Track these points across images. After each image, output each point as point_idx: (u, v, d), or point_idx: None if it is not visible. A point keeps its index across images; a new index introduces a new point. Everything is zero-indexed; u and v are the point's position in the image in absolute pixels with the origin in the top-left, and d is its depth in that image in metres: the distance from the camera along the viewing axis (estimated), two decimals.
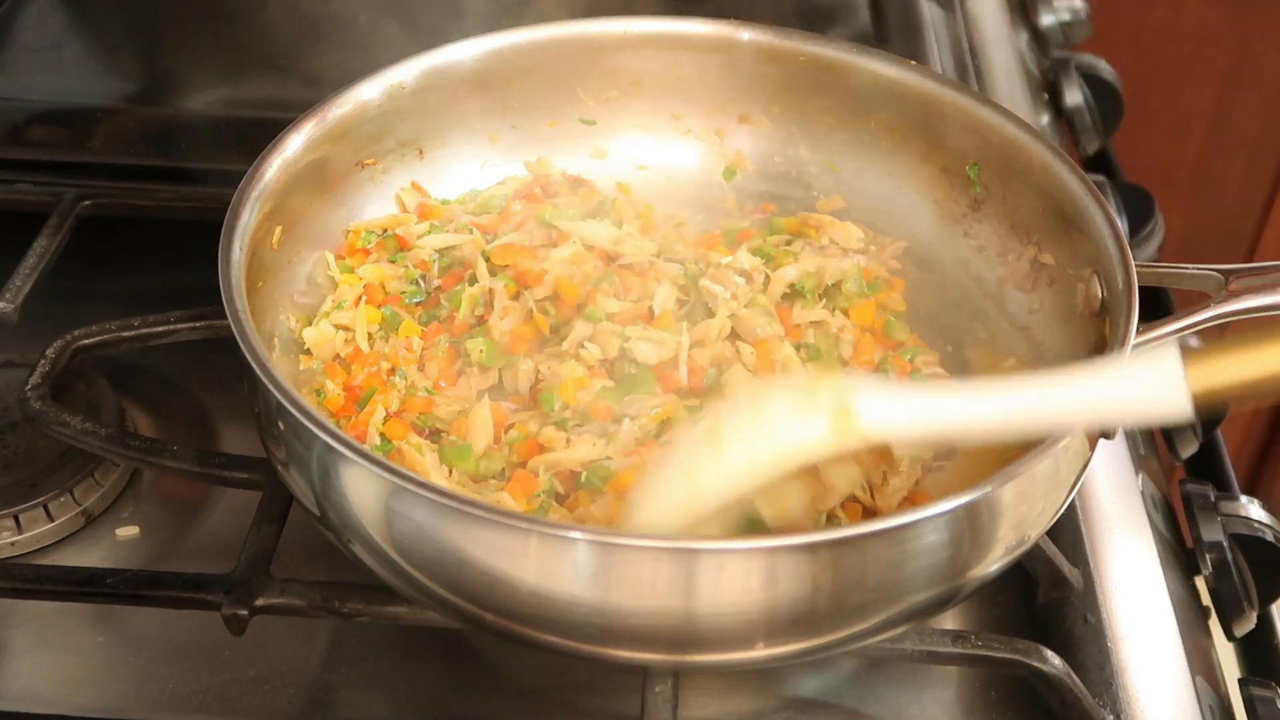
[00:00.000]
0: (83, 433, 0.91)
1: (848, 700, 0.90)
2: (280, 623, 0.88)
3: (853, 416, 0.73)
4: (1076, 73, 1.53)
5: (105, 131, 1.24)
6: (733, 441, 0.75)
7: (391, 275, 1.02)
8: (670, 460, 0.79)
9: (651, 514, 0.78)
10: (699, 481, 0.76)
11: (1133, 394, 0.71)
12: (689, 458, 0.76)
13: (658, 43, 1.09)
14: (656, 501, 0.78)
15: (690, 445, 0.77)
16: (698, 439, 0.76)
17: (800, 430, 0.74)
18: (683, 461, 0.77)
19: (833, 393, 0.74)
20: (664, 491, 0.78)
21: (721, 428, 0.75)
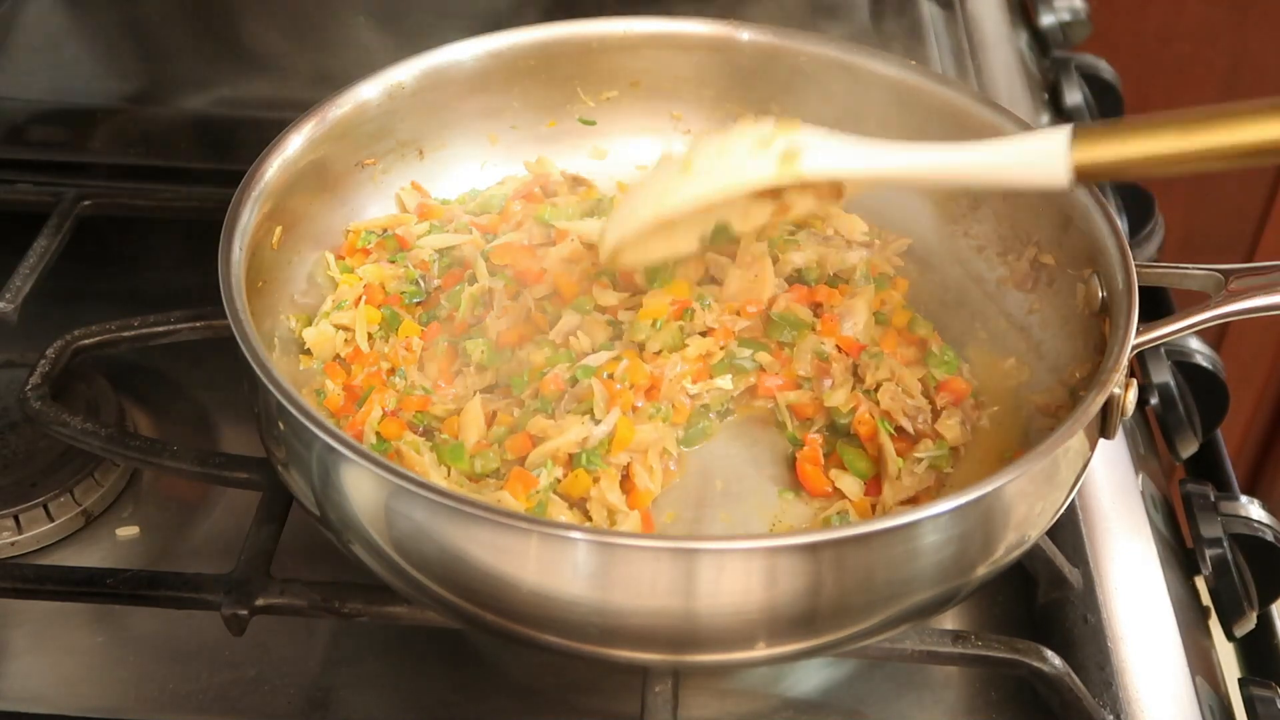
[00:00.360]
0: (83, 433, 0.91)
1: (848, 700, 0.90)
2: (280, 623, 0.88)
3: (797, 159, 0.87)
4: (1076, 73, 1.53)
5: (105, 131, 1.24)
6: (698, 167, 0.89)
7: (391, 275, 1.02)
8: (646, 183, 0.94)
9: (627, 225, 0.92)
10: (669, 196, 0.90)
11: (1024, 159, 0.82)
12: (661, 179, 0.91)
13: (658, 43, 1.09)
14: (632, 213, 0.92)
15: (663, 170, 0.92)
16: (670, 166, 0.91)
17: (754, 163, 0.88)
18: (656, 182, 0.92)
19: (785, 138, 0.88)
20: (639, 205, 0.92)
21: (691, 158, 0.90)
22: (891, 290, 1.03)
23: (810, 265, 1.02)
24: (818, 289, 1.00)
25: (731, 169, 0.88)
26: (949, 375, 0.96)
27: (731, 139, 0.89)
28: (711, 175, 0.89)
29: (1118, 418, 0.82)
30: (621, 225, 0.93)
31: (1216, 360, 1.21)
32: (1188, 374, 1.19)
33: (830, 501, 0.91)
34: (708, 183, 0.89)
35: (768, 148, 0.88)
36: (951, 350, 0.98)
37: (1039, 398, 0.92)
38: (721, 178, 0.89)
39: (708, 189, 0.89)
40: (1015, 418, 0.93)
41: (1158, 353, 1.20)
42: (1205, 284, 0.89)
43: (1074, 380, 0.90)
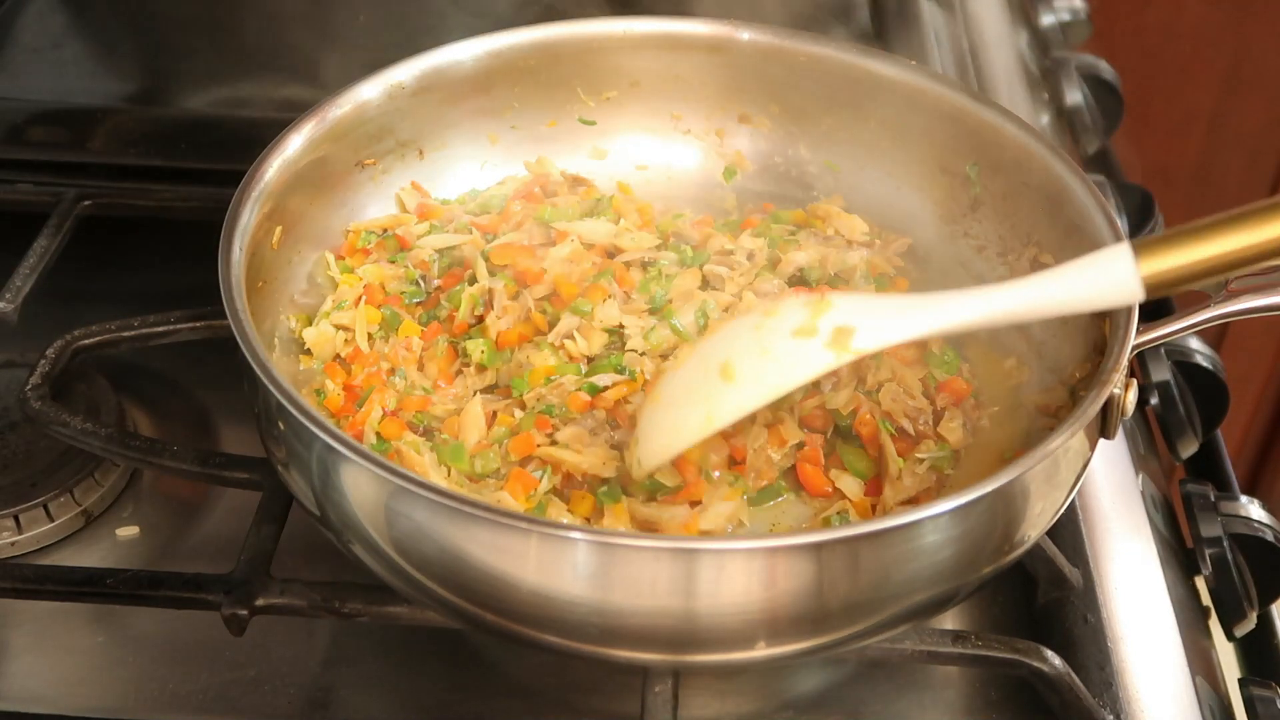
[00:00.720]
0: (83, 433, 0.91)
1: (848, 700, 0.90)
2: (280, 623, 0.88)
3: (849, 340, 0.80)
4: (1076, 73, 1.53)
5: (105, 131, 1.24)
6: (743, 374, 0.81)
7: (391, 275, 1.02)
8: (679, 394, 0.84)
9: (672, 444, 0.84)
10: (719, 411, 0.81)
11: (1093, 288, 0.78)
12: (704, 385, 0.82)
13: (658, 43, 1.09)
14: (674, 432, 0.83)
15: (703, 373, 0.83)
16: (709, 367, 0.82)
17: (806, 357, 0.80)
18: (698, 388, 0.83)
19: (828, 314, 0.80)
20: (681, 423, 0.83)
21: (731, 358, 0.82)
22: (892, 290, 1.03)
23: (812, 265, 1.02)
24: (819, 290, 1.00)
25: (784, 369, 0.81)
26: (949, 375, 0.96)
27: (766, 333, 0.82)
28: (761, 379, 0.81)
29: (1118, 418, 0.82)
30: (664, 445, 0.84)
31: (1216, 360, 1.21)
32: (1188, 374, 1.19)
33: (830, 502, 0.91)
34: (759, 388, 0.81)
35: (814, 334, 0.80)
36: (952, 350, 0.98)
37: (1039, 398, 0.92)
38: (775, 379, 0.81)
39: (761, 395, 0.81)
40: (1015, 418, 0.93)
41: (1158, 353, 1.20)
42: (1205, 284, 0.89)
43: (1074, 380, 0.90)
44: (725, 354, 0.83)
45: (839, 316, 0.81)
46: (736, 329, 0.84)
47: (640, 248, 1.03)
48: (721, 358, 0.82)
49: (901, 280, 1.04)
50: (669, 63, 1.10)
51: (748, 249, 1.03)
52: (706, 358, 0.84)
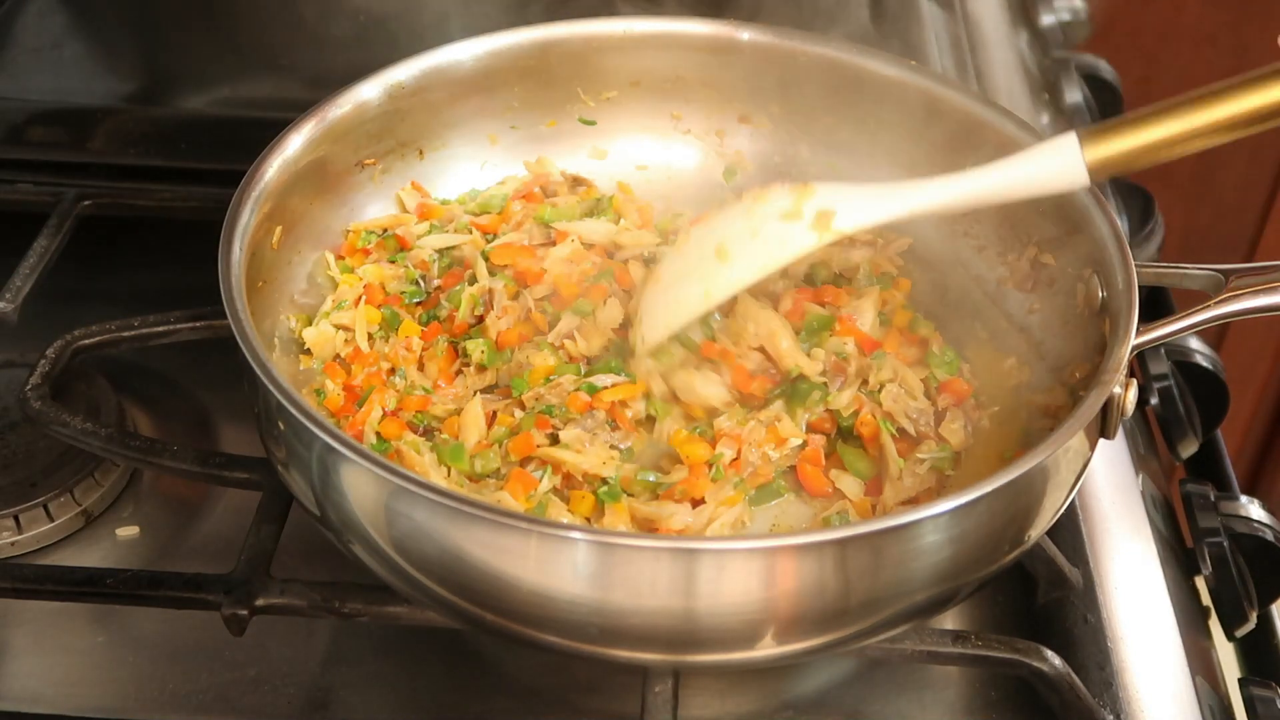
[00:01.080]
0: (83, 433, 0.91)
1: (848, 700, 0.90)
2: (280, 623, 0.88)
3: (831, 220, 0.88)
4: (1076, 73, 1.53)
5: (105, 131, 1.24)
6: (735, 254, 0.90)
7: (391, 275, 1.02)
8: (676, 274, 0.93)
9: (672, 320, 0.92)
10: (715, 287, 0.90)
11: (1043, 170, 0.85)
12: (696, 269, 0.91)
13: (658, 43, 1.09)
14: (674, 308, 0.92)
15: (698, 256, 0.92)
16: (705, 250, 0.91)
17: (792, 236, 0.89)
18: (694, 269, 0.91)
19: (810, 203, 0.88)
20: (681, 300, 0.91)
21: (724, 241, 0.90)
22: (893, 290, 1.03)
23: (818, 264, 1.02)
24: (825, 289, 1.00)
25: (771, 248, 0.89)
26: (950, 376, 0.96)
27: (756, 217, 0.90)
28: (752, 259, 0.90)
29: (1118, 418, 0.82)
30: (665, 321, 0.93)
31: (1216, 360, 1.21)
32: (1188, 374, 1.19)
33: (830, 502, 0.91)
34: (750, 267, 0.90)
35: (799, 217, 0.89)
36: (952, 350, 0.98)
37: (1039, 398, 0.92)
38: (764, 259, 0.90)
39: (752, 273, 0.90)
40: (1015, 418, 0.93)
41: (1158, 353, 1.20)
42: (1205, 284, 0.89)
43: (1074, 380, 0.90)
44: (719, 237, 0.91)
45: (821, 201, 0.89)
46: (729, 215, 0.92)
47: (640, 245, 1.03)
48: (716, 240, 0.91)
49: (904, 280, 1.04)
50: (669, 63, 1.10)
51: None
52: (702, 241, 0.92)
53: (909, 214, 0.89)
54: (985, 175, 0.88)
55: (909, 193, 0.89)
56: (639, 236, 1.04)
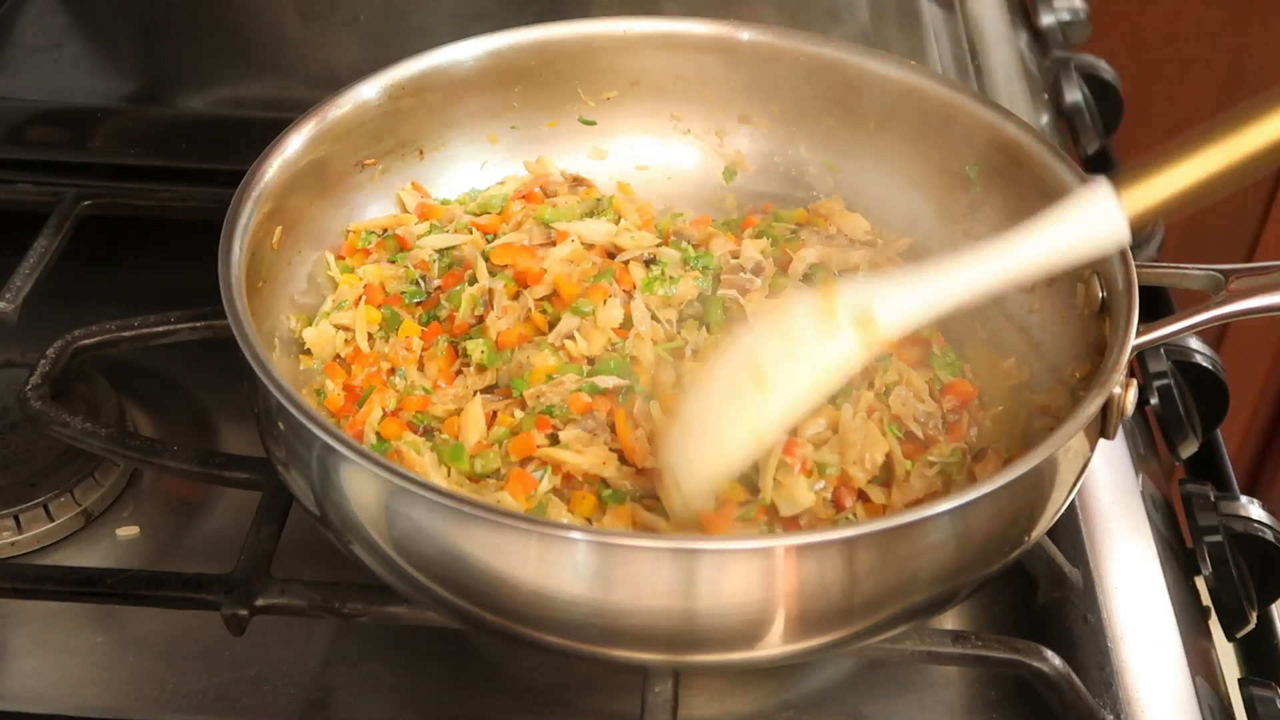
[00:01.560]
0: (83, 433, 0.91)
1: (848, 700, 0.90)
2: (280, 623, 0.88)
3: (873, 324, 0.79)
4: (1076, 73, 1.53)
5: (105, 131, 1.24)
6: (776, 381, 0.78)
7: (391, 275, 1.02)
8: (716, 406, 0.81)
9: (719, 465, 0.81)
10: (764, 425, 0.79)
11: (1081, 232, 0.79)
12: (736, 404, 0.79)
13: (658, 43, 1.09)
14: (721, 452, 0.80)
15: (734, 387, 0.80)
16: (738, 380, 0.79)
17: (838, 351, 0.79)
18: (733, 404, 0.80)
19: (849, 304, 0.79)
20: (725, 443, 0.80)
21: (759, 361, 0.79)
22: None
23: (817, 264, 1.02)
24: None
25: (818, 368, 0.79)
26: (953, 376, 0.96)
27: (791, 332, 0.80)
28: (799, 384, 0.79)
29: (1118, 418, 0.82)
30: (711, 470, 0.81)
31: (1216, 360, 1.21)
32: (1188, 374, 1.19)
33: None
34: (798, 395, 0.79)
35: (836, 327, 0.79)
36: (952, 351, 0.98)
37: (1039, 398, 0.92)
38: (810, 380, 0.79)
39: (800, 400, 0.80)
40: (1015, 418, 0.93)
41: (1158, 353, 1.20)
42: (1205, 284, 0.89)
43: (1074, 380, 0.90)
44: (753, 365, 0.80)
45: (858, 302, 0.79)
46: (754, 339, 0.82)
47: (640, 246, 1.03)
48: (750, 369, 0.80)
49: None
50: (669, 63, 1.10)
51: (754, 260, 1.02)
52: (731, 373, 0.81)
53: (951, 303, 0.81)
54: (1025, 245, 0.80)
55: (947, 279, 0.80)
56: (639, 237, 1.04)
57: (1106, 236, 0.79)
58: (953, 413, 0.94)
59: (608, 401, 0.92)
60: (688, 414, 0.84)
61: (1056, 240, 0.80)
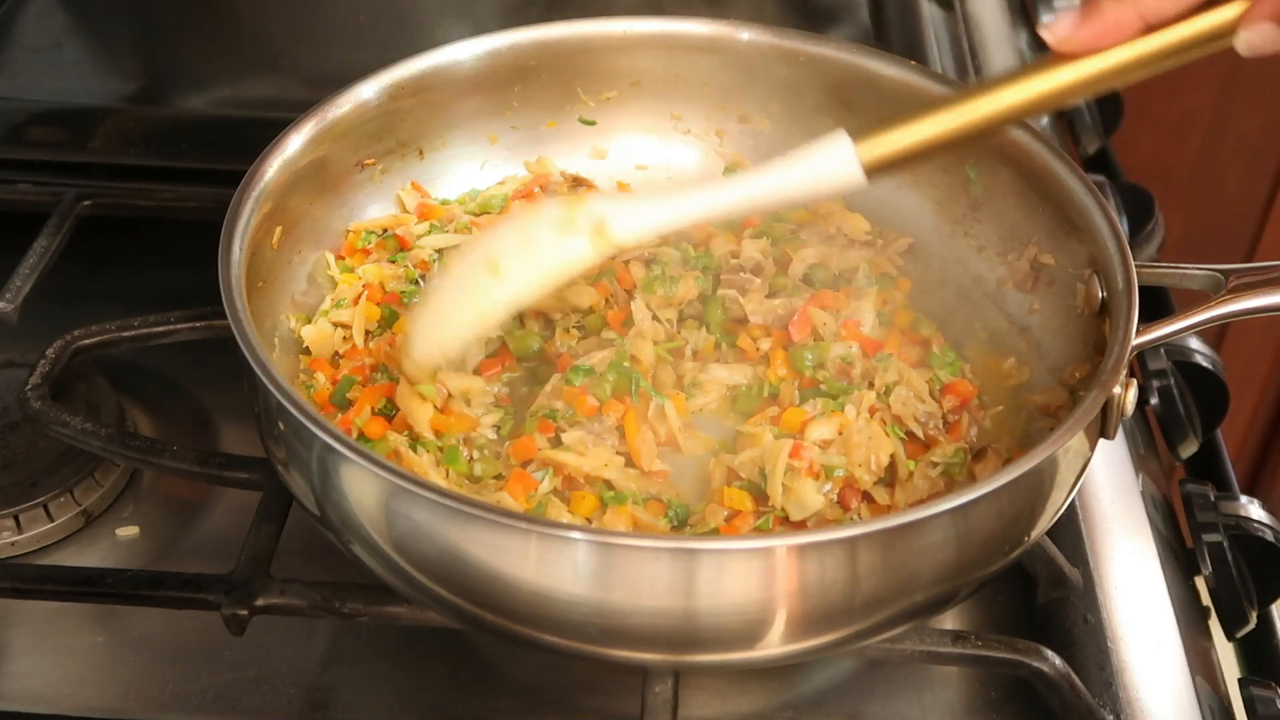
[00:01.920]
0: (83, 433, 0.91)
1: (848, 700, 0.90)
2: (280, 623, 0.88)
3: (607, 230, 0.85)
4: None
5: (105, 131, 1.24)
6: (507, 269, 0.86)
7: (391, 275, 1.02)
8: (452, 286, 0.89)
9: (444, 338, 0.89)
10: (484, 303, 0.87)
11: (820, 171, 0.83)
12: (472, 283, 0.87)
13: (658, 43, 1.09)
14: (446, 325, 0.88)
15: (470, 271, 0.87)
16: (475, 266, 0.87)
17: (567, 249, 0.86)
18: (466, 286, 0.87)
19: (588, 214, 0.85)
20: (453, 316, 0.88)
21: (496, 255, 0.86)
22: (894, 290, 1.03)
23: (817, 264, 1.02)
24: (823, 293, 1.00)
25: (545, 262, 0.86)
26: (953, 376, 0.96)
27: (530, 230, 0.87)
28: (525, 274, 0.86)
29: (1118, 418, 0.82)
30: (440, 338, 0.89)
31: (1216, 360, 1.21)
32: (1188, 374, 1.19)
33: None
34: (524, 282, 0.86)
35: (573, 228, 0.85)
36: (951, 351, 0.98)
37: (1039, 398, 0.92)
38: (537, 273, 0.86)
39: (526, 289, 0.87)
40: (1015, 418, 0.93)
41: (1158, 353, 1.20)
42: (1205, 284, 0.89)
43: (1074, 380, 0.90)
44: (491, 253, 0.87)
45: (596, 212, 0.86)
46: (501, 231, 0.88)
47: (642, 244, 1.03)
48: (486, 256, 0.87)
49: (905, 281, 1.04)
50: (669, 63, 1.10)
51: (753, 259, 1.02)
52: (473, 259, 0.88)
53: (687, 221, 0.88)
54: (762, 178, 0.85)
55: (685, 200, 0.87)
56: None
57: (842, 176, 0.83)
58: (953, 413, 0.94)
59: (616, 405, 0.92)
60: (430, 290, 0.92)
61: (794, 174, 0.84)
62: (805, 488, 0.85)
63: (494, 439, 0.92)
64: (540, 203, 0.88)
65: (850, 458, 0.88)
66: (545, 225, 0.86)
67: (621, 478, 0.88)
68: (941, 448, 0.90)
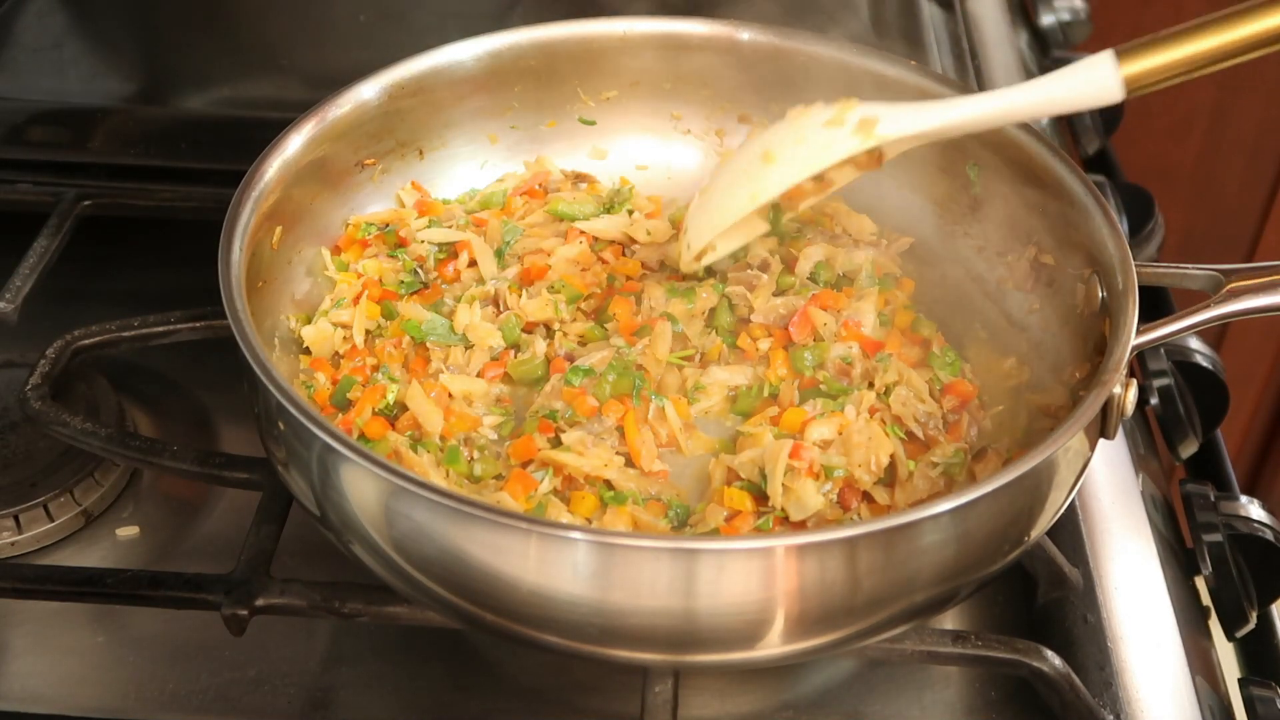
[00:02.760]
0: (83, 433, 0.91)
1: (848, 700, 0.90)
2: (280, 623, 0.88)
3: (874, 127, 0.90)
4: None
5: (105, 131, 1.24)
6: (781, 155, 0.92)
7: (389, 269, 1.02)
8: (724, 179, 0.96)
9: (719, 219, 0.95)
10: (762, 186, 0.93)
11: (1079, 86, 0.86)
12: (743, 171, 0.94)
13: (658, 43, 1.09)
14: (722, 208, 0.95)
15: (747, 161, 0.94)
16: (752, 156, 0.94)
17: (835, 140, 0.91)
18: (739, 175, 0.94)
19: (855, 112, 0.91)
20: (728, 200, 0.94)
21: (771, 145, 0.93)
22: (896, 290, 1.03)
23: (821, 263, 1.02)
24: (824, 293, 1.00)
25: (816, 150, 0.91)
26: (953, 376, 0.96)
27: (801, 125, 0.93)
28: (797, 160, 0.92)
29: (1118, 418, 0.82)
30: (712, 221, 0.96)
31: (1216, 360, 1.21)
32: (1188, 374, 1.19)
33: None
34: (796, 168, 0.92)
35: (842, 124, 0.91)
36: (952, 351, 0.98)
37: (1039, 398, 0.92)
38: (809, 159, 0.92)
39: (796, 173, 0.92)
40: (1015, 418, 0.93)
41: (1158, 353, 1.20)
42: (1205, 284, 0.89)
43: (1074, 380, 0.90)
44: (766, 144, 0.94)
45: (864, 111, 0.91)
46: (776, 128, 0.94)
47: (657, 240, 1.03)
48: (762, 147, 0.93)
49: (908, 281, 1.04)
50: (669, 63, 1.10)
51: (760, 256, 1.03)
52: (749, 150, 0.95)
53: (949, 126, 0.90)
54: (1023, 92, 0.88)
55: (948, 108, 0.90)
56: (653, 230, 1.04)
57: (1101, 91, 0.85)
58: (953, 413, 0.94)
59: (616, 405, 0.92)
60: (707, 185, 0.98)
61: (1055, 88, 0.87)
62: (805, 488, 0.85)
63: (494, 439, 0.92)
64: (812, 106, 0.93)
65: (850, 458, 0.88)
66: (817, 121, 0.92)
67: (621, 478, 0.88)
68: (941, 448, 0.90)
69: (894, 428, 0.91)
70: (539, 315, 0.98)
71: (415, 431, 0.91)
